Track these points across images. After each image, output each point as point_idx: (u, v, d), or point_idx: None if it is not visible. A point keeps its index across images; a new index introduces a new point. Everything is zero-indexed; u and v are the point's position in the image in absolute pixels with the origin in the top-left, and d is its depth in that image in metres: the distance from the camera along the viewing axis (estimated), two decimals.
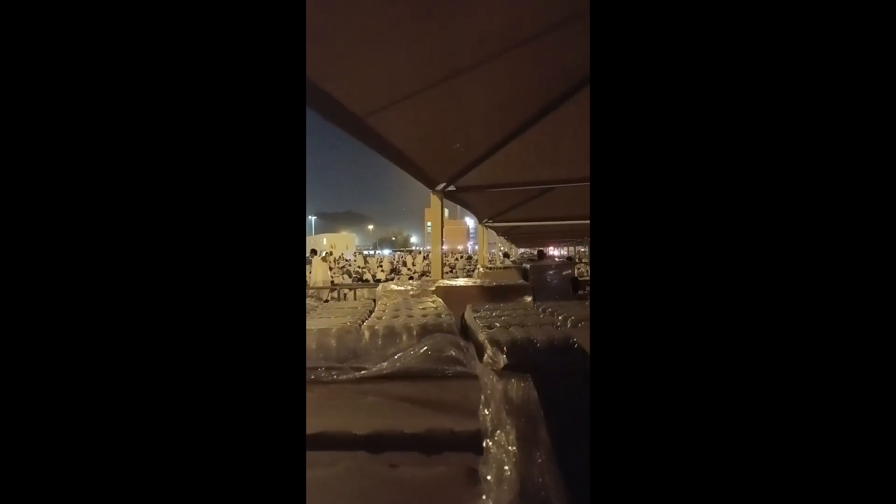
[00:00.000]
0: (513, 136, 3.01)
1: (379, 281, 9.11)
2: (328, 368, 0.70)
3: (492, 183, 4.26)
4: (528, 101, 2.58)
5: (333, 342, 1.26)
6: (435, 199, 4.16)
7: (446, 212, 4.48)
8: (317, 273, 7.68)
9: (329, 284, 7.57)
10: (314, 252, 8.47)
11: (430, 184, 3.95)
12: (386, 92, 2.06)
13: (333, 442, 0.60)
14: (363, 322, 1.50)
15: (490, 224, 7.80)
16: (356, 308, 1.91)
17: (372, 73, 1.92)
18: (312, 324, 1.44)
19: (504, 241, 14.12)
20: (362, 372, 0.69)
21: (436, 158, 3.40)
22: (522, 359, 1.18)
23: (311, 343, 1.26)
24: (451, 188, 4.13)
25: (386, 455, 0.57)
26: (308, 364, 0.93)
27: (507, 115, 2.79)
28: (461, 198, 4.93)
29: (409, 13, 1.57)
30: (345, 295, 6.81)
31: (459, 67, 1.97)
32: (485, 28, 1.73)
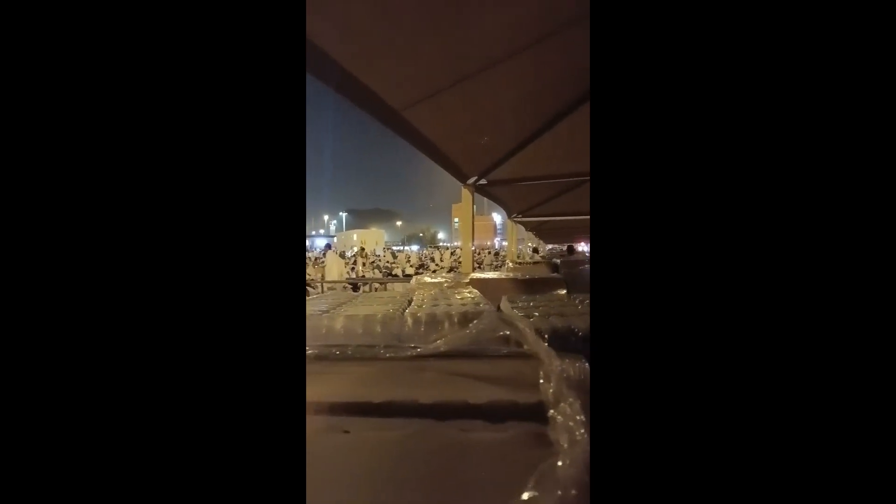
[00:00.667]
0: (544, 128, 2.99)
1: (409, 276, 9.20)
2: (387, 346, 0.73)
3: (523, 176, 4.24)
4: (559, 93, 2.56)
5: (379, 327, 1.30)
6: (466, 194, 4.17)
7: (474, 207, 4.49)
8: (332, 268, 7.81)
9: (344, 279, 7.69)
10: (328, 247, 8.61)
11: (462, 178, 3.97)
12: (422, 85, 2.09)
13: (400, 410, 0.63)
14: (405, 309, 1.54)
15: (519, 219, 7.75)
16: (395, 297, 1.95)
17: (408, 65, 1.95)
18: (356, 310, 1.49)
19: (532, 236, 13.99)
20: (418, 350, 0.72)
21: (468, 152, 3.41)
22: (564, 346, 1.19)
23: (357, 327, 1.31)
24: (483, 182, 4.13)
25: (453, 422, 0.60)
26: (358, 343, 0.97)
27: (539, 108, 2.77)
28: (492, 192, 4.92)
29: (443, 3, 1.58)
30: (375, 289, 6.93)
31: (492, 58, 1.98)
32: (517, 18, 1.73)
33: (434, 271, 9.95)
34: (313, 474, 0.44)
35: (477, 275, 2.93)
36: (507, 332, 0.77)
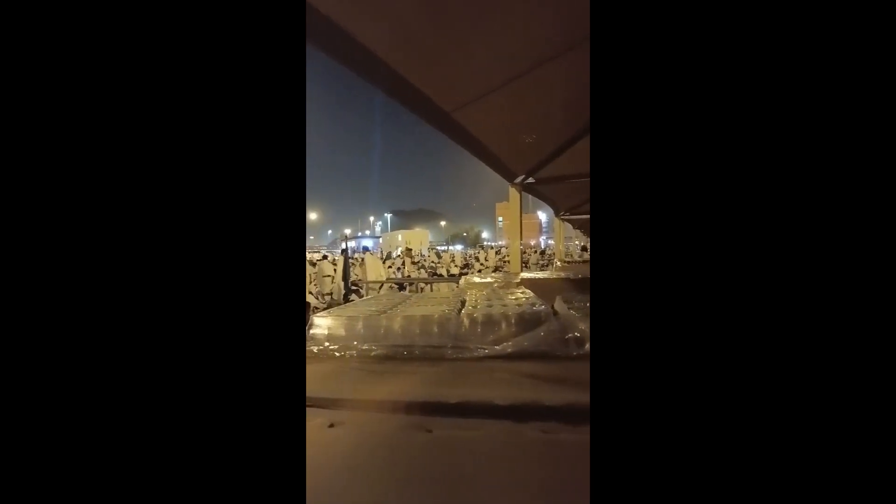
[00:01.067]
0: None
1: (454, 276, 9.24)
2: (454, 347, 0.75)
3: (571, 173, 4.15)
4: None
5: (436, 328, 1.32)
6: (513, 192, 4.14)
7: None
8: (370, 269, 7.94)
9: (382, 279, 7.80)
10: (366, 249, 8.75)
11: (510, 177, 3.94)
12: (473, 86, 2.09)
13: (476, 410, 0.65)
14: (460, 310, 1.55)
15: (567, 217, 7.60)
16: (448, 298, 1.97)
17: (459, 68, 1.96)
18: (412, 311, 1.52)
19: (580, 234, 13.66)
20: (486, 351, 0.73)
21: (516, 151, 3.38)
22: None
23: (414, 328, 1.33)
24: (531, 180, 4.08)
25: (532, 424, 0.61)
26: (418, 344, 0.98)
27: (587, 104, 2.70)
28: (539, 190, 4.85)
29: (494, 5, 1.58)
30: (421, 289, 7.01)
31: (543, 57, 1.96)
32: (568, 16, 1.70)
33: (479, 271, 9.94)
34: (405, 472, 0.46)
35: (527, 274, 2.90)
36: (577, 335, 0.76)
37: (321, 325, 1.35)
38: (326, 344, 1.10)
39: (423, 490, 0.49)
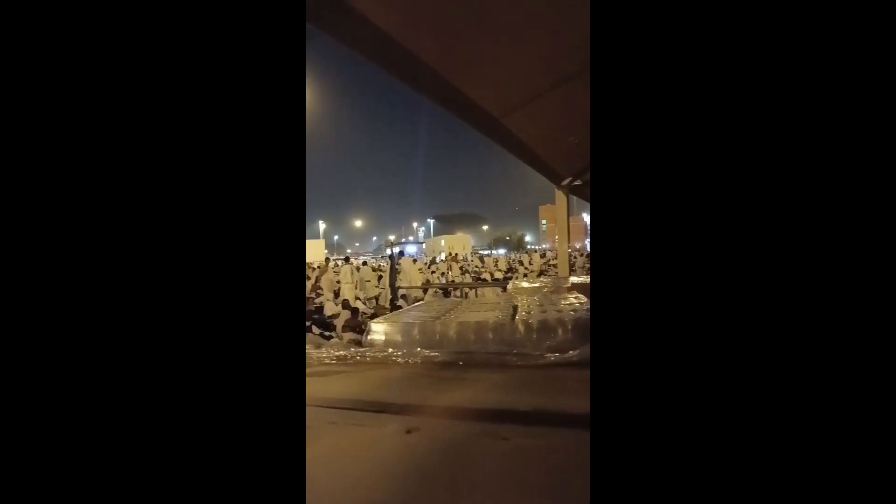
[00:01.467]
0: None
1: (497, 280, 9.18)
2: (517, 354, 0.74)
3: None
4: None
5: (491, 334, 1.32)
6: (560, 195, 4.07)
7: None
8: (410, 275, 8.02)
9: (419, 283, 7.85)
10: (401, 254, 8.88)
11: (556, 179, 3.88)
12: (521, 90, 2.08)
13: (548, 419, 0.64)
14: (513, 316, 1.55)
15: None
16: (499, 303, 1.96)
17: (506, 70, 1.96)
18: (466, 317, 1.52)
19: None
20: (551, 358, 0.72)
21: (563, 153, 3.33)
22: None
23: (469, 334, 1.34)
24: (578, 182, 4.00)
25: None
26: (480, 350, 0.98)
27: None
28: (586, 192, 4.74)
29: (543, 6, 1.57)
30: (465, 294, 7.00)
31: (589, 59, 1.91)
32: None
33: (525, 275, 9.82)
34: (485, 479, 0.46)
35: (576, 279, 2.84)
36: None
37: (378, 330, 1.38)
38: (390, 350, 1.13)
39: (508, 499, 0.49)
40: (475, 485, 0.45)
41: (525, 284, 2.96)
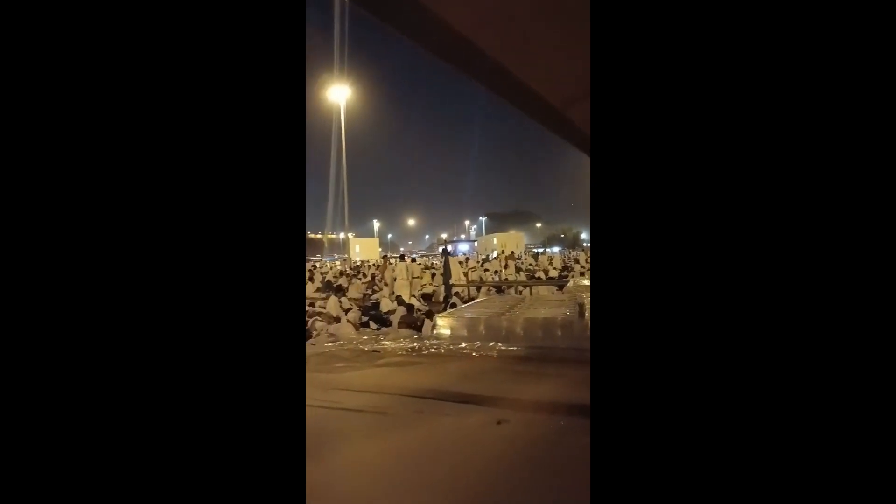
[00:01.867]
0: None
1: (552, 278, 9.01)
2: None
3: None
4: None
5: (560, 331, 1.29)
6: None
7: None
8: (454, 272, 7.99)
9: (462, 281, 7.81)
10: (445, 252, 8.87)
11: None
12: (583, 79, 2.01)
13: None
14: (580, 313, 1.50)
15: None
16: (563, 300, 1.91)
17: (567, 60, 1.89)
18: (529, 313, 1.50)
19: None
20: None
21: None
22: None
23: (537, 330, 1.31)
24: None
25: None
26: (558, 346, 0.96)
27: None
28: None
29: None
30: (519, 292, 6.92)
31: None
32: None
33: (582, 274, 9.56)
34: (584, 472, 0.44)
35: None
36: None
37: (444, 325, 1.38)
38: (463, 344, 1.13)
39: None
40: (576, 477, 0.44)
41: (586, 282, 2.88)
